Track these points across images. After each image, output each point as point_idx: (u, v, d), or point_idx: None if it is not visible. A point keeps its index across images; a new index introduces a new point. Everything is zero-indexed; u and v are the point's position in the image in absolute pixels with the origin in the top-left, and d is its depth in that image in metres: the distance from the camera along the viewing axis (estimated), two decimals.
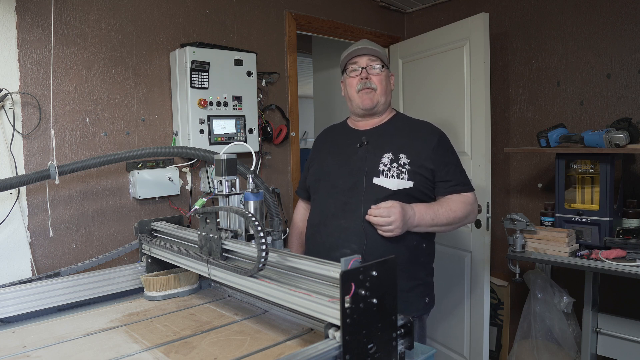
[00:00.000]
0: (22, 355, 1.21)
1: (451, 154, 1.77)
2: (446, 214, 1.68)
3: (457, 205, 1.70)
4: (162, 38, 2.17)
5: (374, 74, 1.77)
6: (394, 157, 1.71)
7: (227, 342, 1.24)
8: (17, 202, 1.77)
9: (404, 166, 1.69)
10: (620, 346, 2.17)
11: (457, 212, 1.70)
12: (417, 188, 1.69)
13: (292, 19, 2.67)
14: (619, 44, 2.35)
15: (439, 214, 1.67)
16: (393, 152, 1.72)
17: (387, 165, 1.70)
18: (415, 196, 1.70)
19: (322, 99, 3.87)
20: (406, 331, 1.07)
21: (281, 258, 1.24)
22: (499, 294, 2.90)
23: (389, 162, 1.71)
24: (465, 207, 1.72)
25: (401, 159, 1.70)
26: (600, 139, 2.01)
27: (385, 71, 1.80)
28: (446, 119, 2.78)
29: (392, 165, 1.70)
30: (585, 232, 2.14)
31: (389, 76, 1.84)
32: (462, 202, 1.71)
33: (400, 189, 1.67)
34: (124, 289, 1.67)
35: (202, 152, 1.98)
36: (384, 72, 1.79)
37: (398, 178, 1.68)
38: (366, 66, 1.77)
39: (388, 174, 1.69)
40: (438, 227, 1.69)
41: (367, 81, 1.76)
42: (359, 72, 1.78)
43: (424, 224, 1.65)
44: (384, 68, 1.80)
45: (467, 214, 1.73)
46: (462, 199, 1.72)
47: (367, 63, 1.77)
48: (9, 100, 1.76)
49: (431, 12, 3.19)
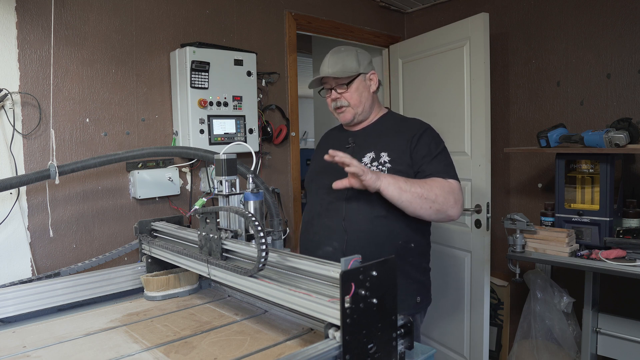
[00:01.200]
0: (22, 355, 1.21)
1: (435, 147, 1.71)
2: (420, 184, 1.59)
3: (435, 183, 1.61)
4: (162, 38, 2.17)
5: (342, 92, 1.78)
6: (375, 156, 1.72)
7: (227, 342, 1.24)
8: (17, 202, 1.77)
9: (384, 164, 1.69)
10: (620, 346, 2.17)
11: (434, 188, 1.60)
12: None
13: (292, 19, 2.67)
14: (619, 44, 2.35)
15: (412, 182, 1.60)
16: (375, 151, 1.73)
17: (368, 165, 1.71)
18: None
19: (322, 99, 3.84)
20: (406, 331, 1.07)
21: (281, 258, 1.24)
22: (499, 294, 2.90)
23: (370, 162, 1.72)
24: (442, 188, 1.61)
25: (382, 158, 1.70)
26: (600, 139, 2.01)
27: (354, 83, 1.77)
28: (446, 119, 2.78)
29: (372, 164, 1.71)
30: (585, 232, 2.14)
31: (363, 82, 1.79)
32: (442, 184, 1.62)
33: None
34: (124, 289, 1.67)
35: (202, 152, 1.98)
36: (352, 86, 1.77)
37: None
38: (335, 86, 1.79)
39: None
40: (412, 196, 1.57)
41: (338, 100, 1.79)
42: (329, 94, 1.83)
43: (397, 185, 1.56)
44: (352, 82, 1.77)
45: (447, 198, 1.61)
46: (441, 182, 1.63)
47: (334, 83, 1.79)
48: (9, 100, 1.76)
49: (431, 12, 3.19)
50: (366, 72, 1.80)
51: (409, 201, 1.59)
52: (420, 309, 1.78)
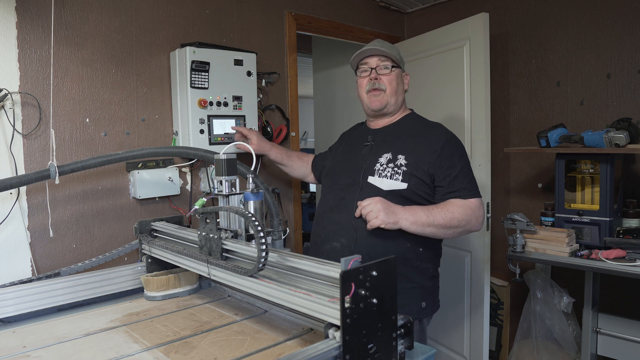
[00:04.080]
0: (22, 355, 1.21)
1: (458, 159, 1.69)
2: (442, 214, 1.60)
3: (455, 208, 1.62)
4: (162, 38, 2.17)
5: (384, 74, 1.76)
6: (392, 157, 1.71)
7: (227, 342, 1.24)
8: (17, 202, 1.77)
9: (399, 167, 1.68)
10: (620, 346, 2.17)
11: (455, 214, 1.61)
12: (411, 190, 1.66)
13: (292, 19, 2.67)
14: (619, 44, 2.35)
15: (433, 213, 1.60)
16: (392, 152, 1.72)
17: (383, 165, 1.71)
18: (410, 198, 1.66)
19: (322, 99, 3.87)
20: (406, 331, 1.07)
21: (281, 258, 1.24)
22: (499, 294, 2.91)
23: (386, 162, 1.71)
24: (465, 211, 1.63)
25: (398, 160, 1.70)
26: (600, 139, 2.01)
27: (396, 71, 1.79)
28: (446, 119, 2.78)
29: (387, 165, 1.70)
30: (585, 232, 2.14)
31: (401, 76, 1.82)
32: (461, 206, 1.63)
33: (392, 190, 1.66)
34: (124, 289, 1.67)
35: (202, 152, 1.98)
36: (394, 72, 1.78)
37: (391, 179, 1.67)
38: (376, 66, 1.77)
39: (382, 174, 1.70)
40: (436, 229, 1.61)
41: (376, 82, 1.76)
42: (368, 73, 1.79)
43: (419, 221, 1.59)
44: (395, 68, 1.78)
45: (469, 219, 1.64)
46: (462, 203, 1.64)
47: (376, 63, 1.77)
48: (9, 100, 1.76)
49: (431, 12, 3.19)
50: (404, 70, 1.85)
51: (433, 233, 1.63)
52: (425, 314, 1.74)
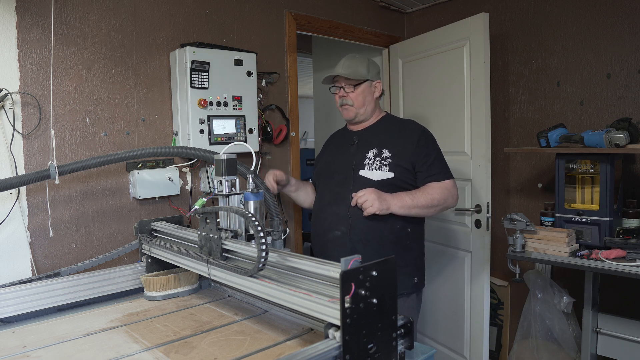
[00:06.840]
0: (22, 355, 1.21)
1: (432, 148, 1.99)
2: (424, 196, 1.90)
3: (435, 190, 1.92)
4: (162, 38, 2.17)
5: (349, 92, 2.05)
6: (377, 152, 1.98)
7: (227, 342, 1.24)
8: (17, 202, 1.77)
9: (385, 159, 1.95)
10: (620, 346, 2.17)
11: (435, 194, 1.91)
12: (398, 178, 1.94)
13: (292, 19, 2.67)
14: (619, 44, 2.35)
15: (417, 196, 1.89)
16: (377, 147, 1.99)
17: (372, 159, 1.97)
18: (397, 185, 1.94)
19: (322, 99, 3.87)
20: (406, 331, 1.07)
21: (281, 258, 1.24)
22: (499, 294, 2.91)
23: (373, 157, 1.98)
24: (442, 192, 1.93)
25: (384, 153, 1.97)
26: (600, 139, 2.01)
27: (360, 87, 2.04)
28: (446, 119, 2.78)
29: (375, 159, 1.97)
30: (585, 232, 2.14)
31: (369, 87, 2.07)
32: (439, 188, 1.93)
33: (382, 179, 1.93)
34: (124, 289, 1.67)
35: (202, 152, 1.98)
36: (359, 89, 2.04)
37: (380, 170, 1.95)
38: (344, 85, 2.05)
39: (372, 167, 1.97)
40: (420, 209, 1.90)
41: (344, 98, 2.06)
42: (337, 90, 2.09)
43: (405, 205, 1.87)
44: (360, 85, 2.04)
45: (446, 198, 1.94)
46: (438, 185, 1.94)
47: (343, 82, 2.05)
48: (9, 100, 1.76)
49: (431, 12, 3.19)
50: (373, 79, 2.08)
51: (417, 213, 1.93)
52: (417, 289, 2.05)
